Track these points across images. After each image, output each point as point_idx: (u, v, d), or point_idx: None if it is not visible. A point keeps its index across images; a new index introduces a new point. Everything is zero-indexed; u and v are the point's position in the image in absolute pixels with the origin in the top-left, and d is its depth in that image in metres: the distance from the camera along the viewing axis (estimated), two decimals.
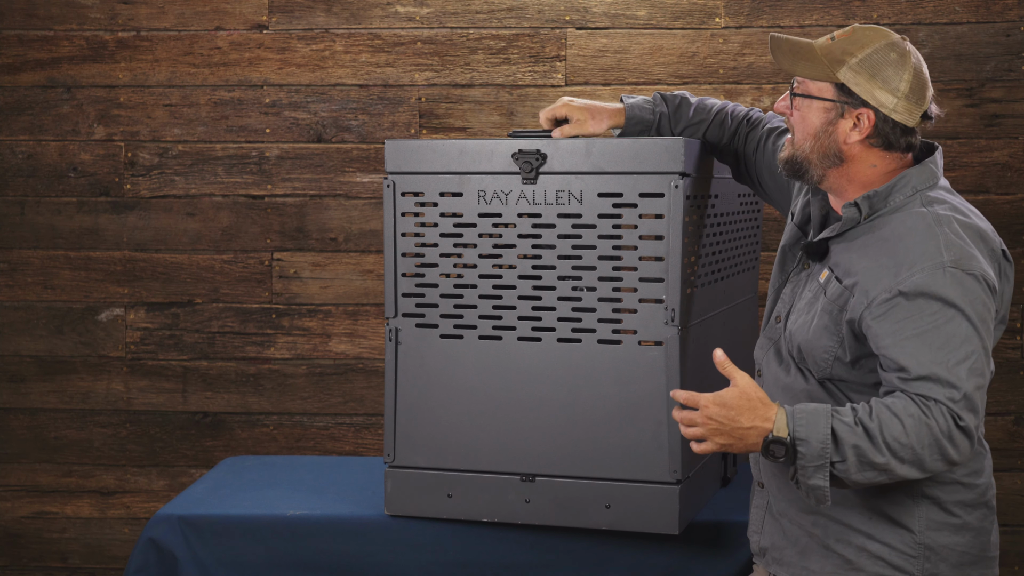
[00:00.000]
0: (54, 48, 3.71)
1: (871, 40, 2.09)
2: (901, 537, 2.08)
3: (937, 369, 1.94)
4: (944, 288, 1.97)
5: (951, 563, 2.09)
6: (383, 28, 3.65)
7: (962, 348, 1.95)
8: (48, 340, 3.76)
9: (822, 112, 2.11)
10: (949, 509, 2.09)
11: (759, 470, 2.26)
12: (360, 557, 2.59)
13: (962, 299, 1.97)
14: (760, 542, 2.26)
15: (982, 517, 2.12)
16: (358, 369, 3.71)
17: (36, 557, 3.81)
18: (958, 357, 1.95)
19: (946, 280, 1.97)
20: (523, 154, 2.44)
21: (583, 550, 2.54)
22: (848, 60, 2.08)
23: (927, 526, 2.08)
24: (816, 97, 2.11)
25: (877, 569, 2.09)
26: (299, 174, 3.69)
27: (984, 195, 3.53)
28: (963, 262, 1.98)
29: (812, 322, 2.11)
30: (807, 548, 2.16)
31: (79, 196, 3.73)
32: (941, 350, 1.95)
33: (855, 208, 2.10)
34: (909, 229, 2.04)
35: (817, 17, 3.54)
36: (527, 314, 2.47)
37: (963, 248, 2.00)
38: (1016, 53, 3.52)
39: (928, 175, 2.11)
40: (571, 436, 2.46)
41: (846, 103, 2.09)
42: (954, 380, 1.94)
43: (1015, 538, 3.61)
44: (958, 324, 1.96)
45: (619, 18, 3.60)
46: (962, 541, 2.10)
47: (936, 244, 2.00)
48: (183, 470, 3.76)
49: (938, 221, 2.03)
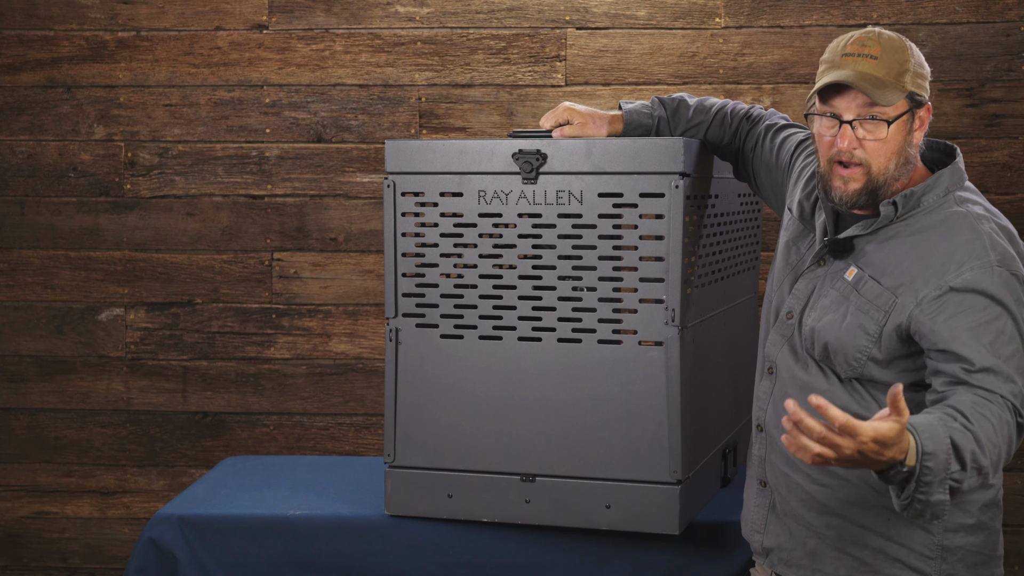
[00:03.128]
0: (54, 48, 3.71)
1: (900, 41, 2.08)
2: (919, 538, 2.07)
3: (995, 363, 1.93)
4: (993, 286, 1.97)
5: (967, 563, 2.08)
6: (383, 28, 3.65)
7: (1010, 345, 1.96)
8: (48, 340, 3.76)
9: (902, 126, 2.07)
10: (968, 510, 2.08)
11: (762, 469, 2.25)
12: (360, 557, 2.59)
13: (1008, 298, 1.98)
14: (764, 542, 2.25)
15: (993, 517, 2.12)
16: (358, 369, 3.71)
17: (36, 557, 3.81)
18: (1008, 352, 1.95)
19: (994, 279, 1.98)
20: (523, 154, 2.44)
21: (583, 550, 2.54)
22: (908, 67, 2.06)
23: (945, 527, 2.07)
24: (898, 116, 2.05)
25: (894, 571, 2.09)
26: (299, 174, 3.69)
27: (984, 195, 3.52)
28: (1008, 262, 2.00)
29: (843, 320, 2.08)
30: (817, 550, 2.15)
31: (79, 196, 3.73)
32: (993, 345, 1.95)
33: (893, 207, 2.07)
34: (952, 228, 2.04)
35: (817, 17, 3.54)
36: (527, 314, 2.47)
37: (1006, 249, 2.02)
38: (1016, 53, 3.52)
39: (959, 176, 2.12)
40: (571, 436, 2.46)
41: (916, 107, 2.08)
42: (1012, 375, 1.94)
43: (1015, 538, 3.61)
44: (1005, 322, 1.97)
45: (619, 18, 3.60)
46: (977, 541, 2.09)
47: (982, 243, 2.01)
48: (183, 470, 3.76)
49: (979, 220, 2.04)
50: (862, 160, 2.05)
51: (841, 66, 2.06)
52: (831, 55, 2.09)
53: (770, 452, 2.22)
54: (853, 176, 2.06)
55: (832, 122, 2.07)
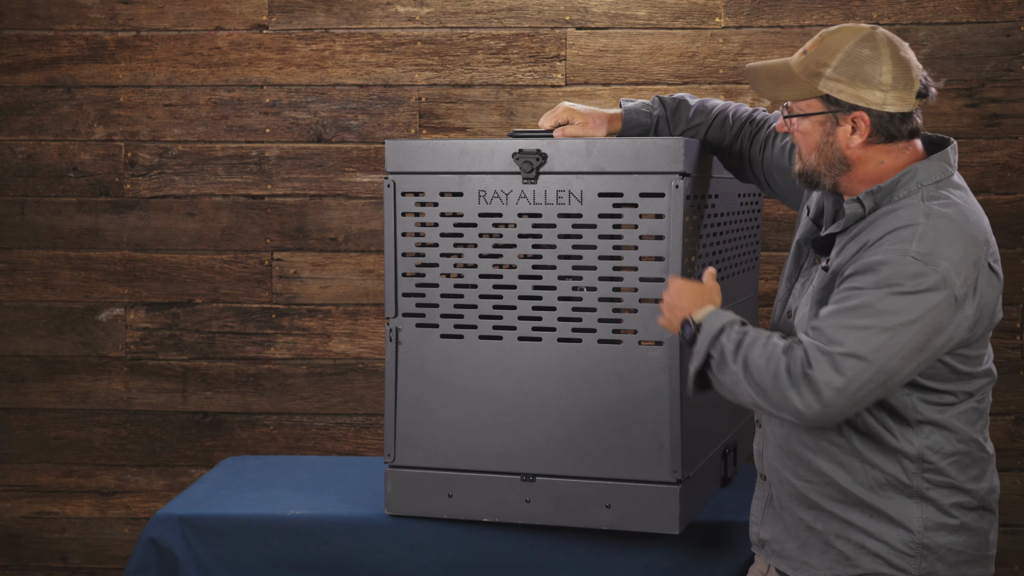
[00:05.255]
0: (54, 48, 3.71)
1: (840, 43, 2.08)
2: (900, 536, 2.09)
3: (825, 323, 1.99)
4: (892, 269, 1.97)
5: (948, 562, 2.10)
6: (383, 28, 3.65)
7: (868, 318, 1.96)
8: (48, 340, 3.76)
9: (818, 125, 2.11)
10: (948, 511, 2.10)
11: (762, 463, 2.27)
12: (360, 557, 2.59)
13: (905, 285, 1.96)
14: (760, 534, 2.28)
15: (979, 518, 2.13)
16: (358, 369, 3.71)
17: (36, 557, 3.81)
18: (857, 323, 1.96)
19: (901, 265, 1.97)
20: (523, 154, 2.44)
21: (583, 550, 2.54)
22: (824, 71, 2.08)
23: (925, 526, 2.09)
24: (807, 114, 2.12)
25: (875, 566, 2.10)
26: (299, 174, 3.69)
27: (984, 195, 3.53)
28: (931, 258, 1.97)
29: (807, 311, 2.14)
30: (807, 542, 2.17)
31: (79, 196, 3.73)
32: (847, 311, 1.97)
33: (859, 204, 2.10)
34: (897, 218, 2.04)
35: (817, 17, 3.54)
36: (527, 314, 2.47)
37: (936, 246, 1.98)
38: (1016, 53, 3.52)
39: (935, 170, 2.10)
40: (571, 436, 2.46)
41: (837, 111, 2.09)
42: (834, 336, 1.96)
43: (1015, 538, 3.61)
44: (880, 299, 1.96)
45: (619, 18, 3.60)
46: (959, 541, 2.11)
47: (911, 233, 1.99)
48: (183, 470, 3.76)
49: (927, 215, 2.02)
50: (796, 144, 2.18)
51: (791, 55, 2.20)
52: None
53: (766, 447, 2.25)
54: (797, 158, 2.19)
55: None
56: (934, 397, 2.07)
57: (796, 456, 2.16)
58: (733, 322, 2.11)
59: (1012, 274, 3.56)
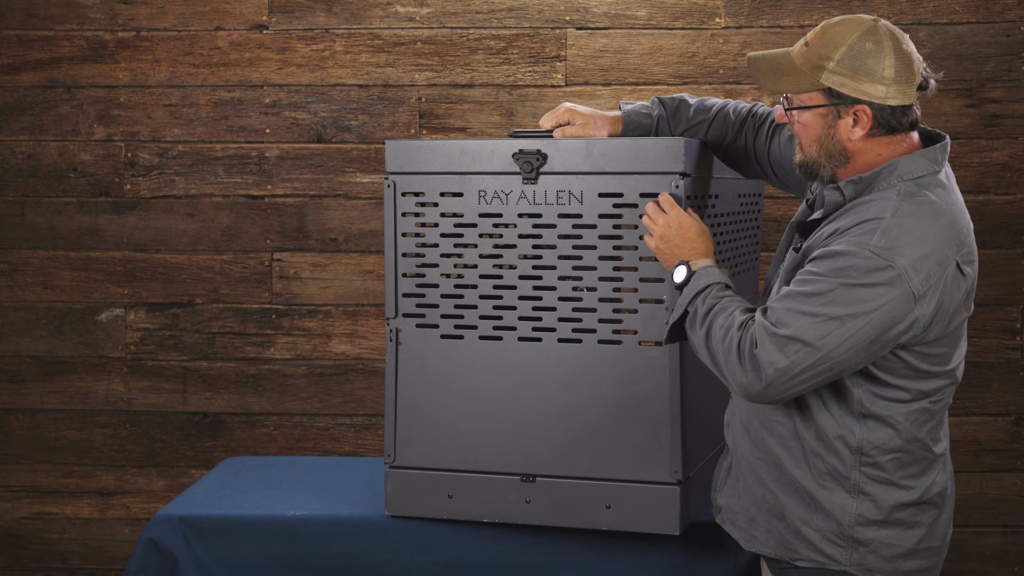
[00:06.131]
0: (54, 48, 3.71)
1: (844, 36, 2.08)
2: (831, 527, 2.13)
3: (778, 304, 2.03)
4: (848, 260, 1.99)
5: (881, 555, 2.13)
6: (383, 28, 3.65)
7: (817, 305, 1.99)
8: (48, 340, 3.76)
9: (819, 118, 2.12)
10: (881, 507, 2.12)
11: (728, 433, 2.33)
12: (360, 557, 2.59)
13: (857, 277, 1.98)
14: (718, 500, 2.36)
15: (916, 512, 2.14)
16: (358, 369, 3.71)
17: (36, 557, 3.81)
18: (806, 308, 2.00)
19: (859, 257, 1.99)
20: (524, 154, 2.44)
21: (583, 550, 2.54)
22: (827, 64, 2.08)
23: (856, 521, 2.12)
24: (809, 106, 2.12)
25: (809, 553, 2.16)
26: (299, 174, 3.69)
27: (984, 195, 3.53)
28: (888, 253, 1.98)
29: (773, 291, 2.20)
30: (756, 518, 2.24)
31: (79, 196, 3.73)
32: (800, 296, 2.01)
33: (838, 192, 2.12)
34: (867, 210, 2.05)
35: (817, 17, 3.54)
36: (527, 314, 2.47)
37: (899, 241, 1.99)
38: (1016, 53, 3.52)
39: (918, 165, 2.10)
40: (571, 436, 2.46)
41: (839, 104, 2.10)
42: (783, 319, 2.01)
43: (1015, 538, 3.61)
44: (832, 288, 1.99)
45: (619, 18, 3.60)
46: (892, 535, 2.13)
47: (875, 226, 2.01)
48: (183, 470, 3.76)
49: (896, 211, 2.03)
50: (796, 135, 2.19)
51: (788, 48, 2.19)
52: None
53: (733, 419, 2.31)
54: (797, 149, 2.20)
55: None
56: (885, 391, 2.08)
57: (755, 433, 2.21)
58: (716, 284, 2.18)
59: (1012, 274, 3.56)
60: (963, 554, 3.58)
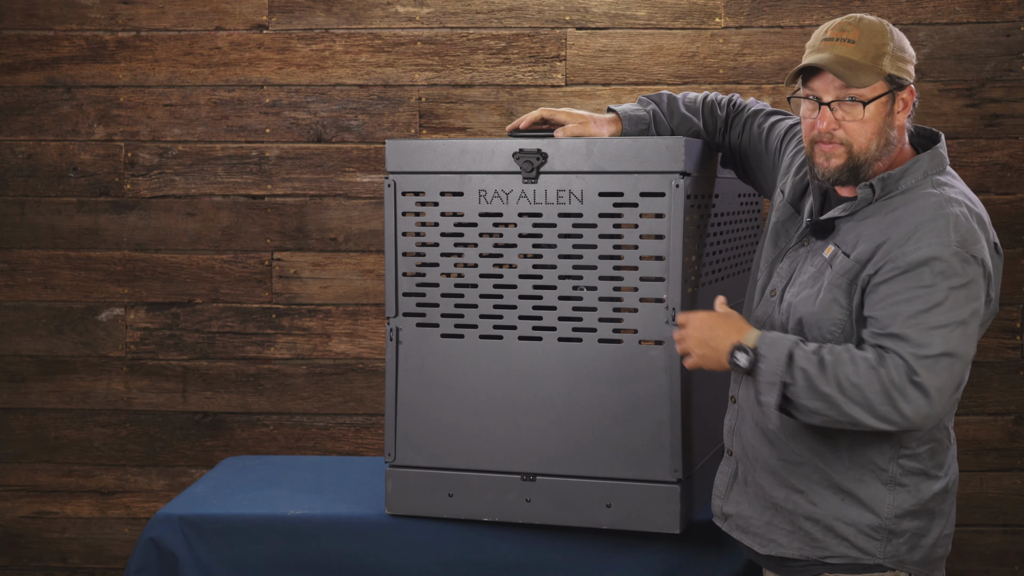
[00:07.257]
0: (54, 48, 3.71)
1: (878, 26, 2.14)
2: (868, 520, 2.15)
3: (908, 329, 2.02)
4: (945, 264, 2.03)
5: (914, 545, 2.17)
6: (383, 28, 3.65)
7: (943, 316, 2.02)
8: (48, 340, 3.76)
9: (881, 107, 2.14)
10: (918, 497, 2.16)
11: (731, 439, 2.32)
12: (360, 557, 2.59)
13: (959, 277, 2.03)
14: (724, 508, 2.33)
15: (942, 500, 2.20)
16: (358, 369, 3.71)
17: (36, 557, 3.81)
18: (936, 323, 2.02)
19: (949, 258, 2.03)
20: (524, 153, 2.44)
21: (583, 549, 2.54)
22: (887, 51, 2.12)
23: (894, 512, 2.15)
24: (875, 97, 2.13)
25: (842, 549, 2.17)
26: (299, 174, 3.69)
27: (984, 195, 3.53)
28: (968, 244, 2.05)
29: (818, 295, 2.15)
30: (774, 521, 2.23)
31: (79, 196, 3.73)
32: (922, 313, 2.02)
33: (870, 189, 2.15)
34: (921, 208, 2.09)
35: (817, 17, 3.54)
36: (528, 313, 2.47)
37: (970, 231, 2.06)
38: (1016, 53, 3.52)
39: (939, 160, 2.18)
40: (572, 435, 2.46)
41: (895, 89, 2.14)
42: (922, 340, 2.01)
43: (1015, 538, 3.61)
44: (947, 296, 2.02)
45: (619, 18, 3.60)
46: (923, 525, 2.17)
47: (946, 223, 2.06)
48: (183, 470, 3.76)
49: (948, 202, 2.09)
50: (843, 140, 2.14)
51: (821, 50, 2.15)
52: (814, 40, 2.19)
53: (740, 424, 2.30)
54: (835, 152, 2.15)
55: (813, 104, 2.16)
56: None
57: (776, 435, 2.21)
58: (792, 342, 2.09)
59: (1012, 274, 3.56)
60: (963, 553, 3.58)
